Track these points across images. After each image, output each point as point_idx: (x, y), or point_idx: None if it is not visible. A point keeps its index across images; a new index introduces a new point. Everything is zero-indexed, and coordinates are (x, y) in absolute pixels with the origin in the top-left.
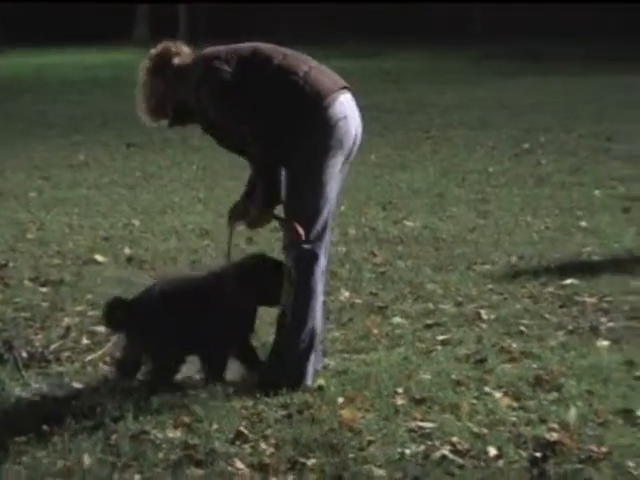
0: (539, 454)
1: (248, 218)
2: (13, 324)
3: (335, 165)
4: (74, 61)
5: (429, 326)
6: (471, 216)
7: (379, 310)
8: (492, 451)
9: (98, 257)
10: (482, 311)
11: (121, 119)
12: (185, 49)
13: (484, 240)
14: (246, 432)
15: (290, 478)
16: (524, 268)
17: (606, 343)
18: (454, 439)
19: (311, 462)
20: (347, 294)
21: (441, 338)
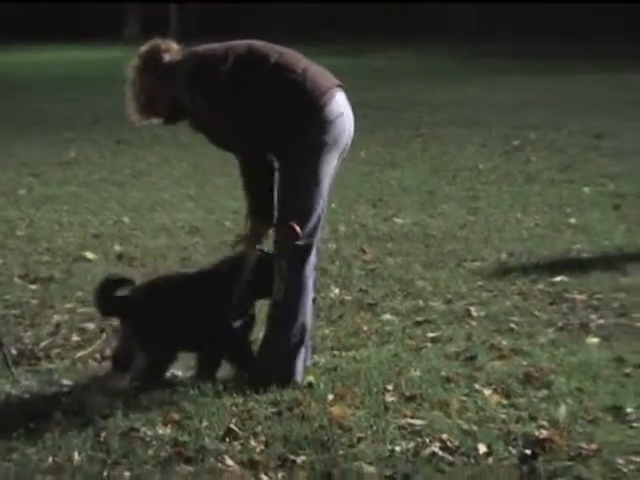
0: (529, 451)
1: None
2: (3, 321)
3: (330, 162)
4: (65, 59)
5: (419, 323)
6: (461, 213)
7: (369, 307)
8: (482, 448)
9: (88, 254)
10: (472, 308)
11: (111, 116)
12: (174, 46)
13: (474, 237)
14: (236, 429)
15: (280, 475)
16: (514, 265)
17: (596, 340)
18: (444, 436)
19: (301, 459)
20: (337, 291)
21: (431, 335)
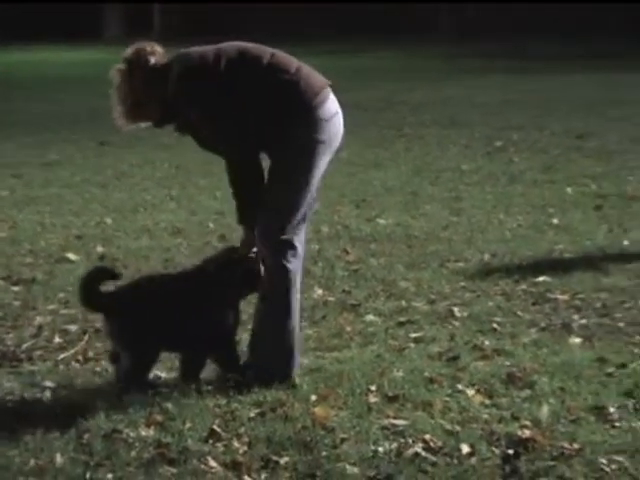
0: (511, 451)
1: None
2: None
3: (323, 161)
4: (45, 59)
5: (402, 324)
6: (444, 214)
7: (352, 308)
8: (465, 448)
9: (70, 255)
10: (455, 309)
11: (93, 117)
12: (159, 49)
13: (457, 238)
14: (219, 430)
15: (263, 476)
16: (497, 265)
17: (578, 340)
18: (427, 436)
19: (284, 460)
20: (320, 292)
21: (414, 336)
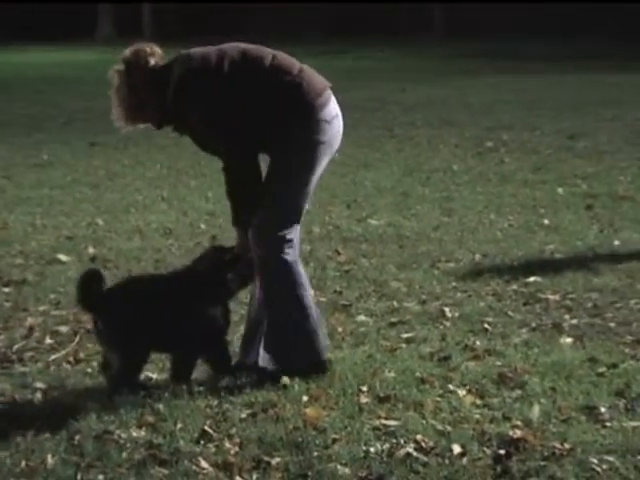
0: (503, 451)
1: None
2: None
3: (323, 162)
4: (36, 60)
5: (393, 324)
6: (435, 214)
7: (343, 308)
8: (456, 448)
9: (61, 257)
10: (446, 309)
11: (84, 118)
12: (158, 50)
13: (448, 238)
14: (211, 431)
15: (255, 477)
16: (488, 266)
17: (569, 340)
18: (418, 437)
19: (275, 461)
20: (311, 292)
21: (405, 336)
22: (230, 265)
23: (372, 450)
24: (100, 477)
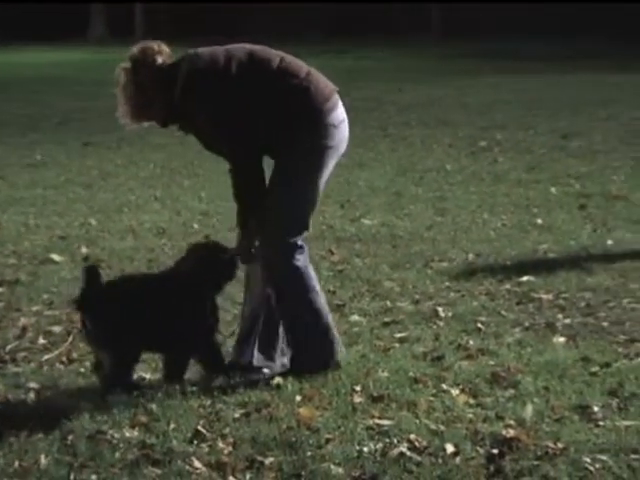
0: (496, 450)
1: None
2: None
3: (330, 166)
4: (29, 60)
5: (387, 324)
6: (428, 214)
7: (337, 308)
8: (449, 448)
9: (54, 256)
10: (439, 308)
11: (78, 118)
12: (166, 48)
13: (441, 238)
14: (204, 431)
15: (248, 477)
16: (481, 265)
17: (562, 339)
18: (412, 436)
19: (269, 460)
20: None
21: (399, 336)
22: (216, 261)
23: (365, 450)
24: (93, 477)
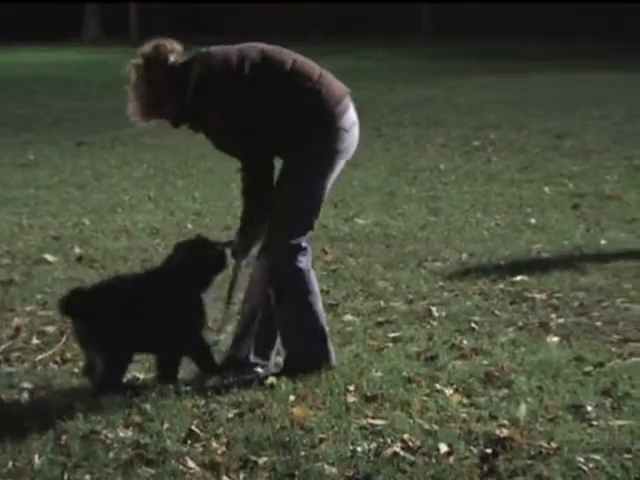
0: (489, 450)
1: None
2: None
3: (338, 169)
4: (23, 60)
5: (380, 323)
6: (422, 213)
7: (330, 308)
8: (443, 448)
9: (48, 257)
10: (433, 308)
11: (71, 118)
12: (178, 47)
13: (435, 237)
14: (198, 431)
15: (242, 476)
16: (474, 265)
17: (556, 339)
18: (405, 436)
19: (262, 460)
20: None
21: (392, 335)
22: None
23: (359, 449)
24: (87, 477)
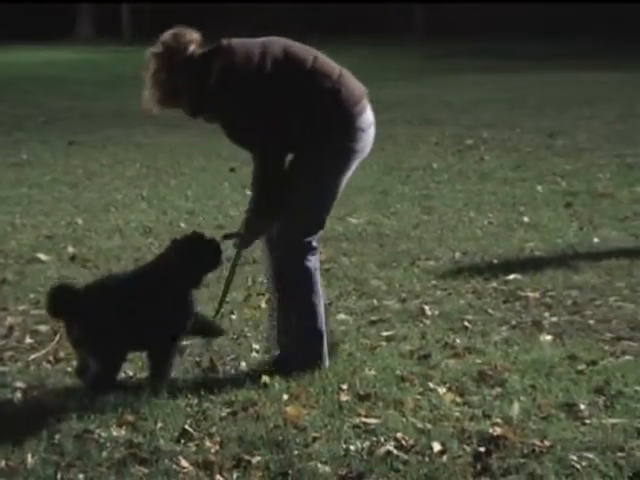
0: (483, 449)
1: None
2: None
3: (353, 167)
4: (15, 59)
5: (373, 322)
6: (415, 212)
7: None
8: (436, 446)
9: (41, 256)
10: (426, 307)
11: (63, 117)
12: (197, 37)
13: (428, 236)
14: (191, 430)
15: (235, 475)
16: (468, 264)
17: (549, 338)
18: (398, 435)
19: (256, 459)
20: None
21: (385, 334)
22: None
23: (352, 448)
24: (80, 476)
